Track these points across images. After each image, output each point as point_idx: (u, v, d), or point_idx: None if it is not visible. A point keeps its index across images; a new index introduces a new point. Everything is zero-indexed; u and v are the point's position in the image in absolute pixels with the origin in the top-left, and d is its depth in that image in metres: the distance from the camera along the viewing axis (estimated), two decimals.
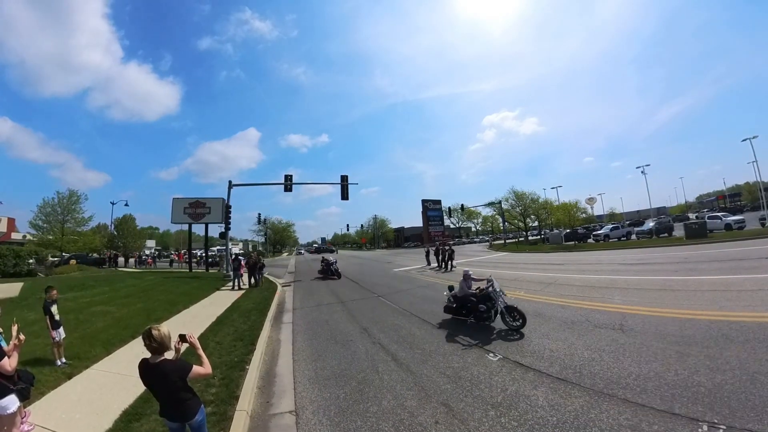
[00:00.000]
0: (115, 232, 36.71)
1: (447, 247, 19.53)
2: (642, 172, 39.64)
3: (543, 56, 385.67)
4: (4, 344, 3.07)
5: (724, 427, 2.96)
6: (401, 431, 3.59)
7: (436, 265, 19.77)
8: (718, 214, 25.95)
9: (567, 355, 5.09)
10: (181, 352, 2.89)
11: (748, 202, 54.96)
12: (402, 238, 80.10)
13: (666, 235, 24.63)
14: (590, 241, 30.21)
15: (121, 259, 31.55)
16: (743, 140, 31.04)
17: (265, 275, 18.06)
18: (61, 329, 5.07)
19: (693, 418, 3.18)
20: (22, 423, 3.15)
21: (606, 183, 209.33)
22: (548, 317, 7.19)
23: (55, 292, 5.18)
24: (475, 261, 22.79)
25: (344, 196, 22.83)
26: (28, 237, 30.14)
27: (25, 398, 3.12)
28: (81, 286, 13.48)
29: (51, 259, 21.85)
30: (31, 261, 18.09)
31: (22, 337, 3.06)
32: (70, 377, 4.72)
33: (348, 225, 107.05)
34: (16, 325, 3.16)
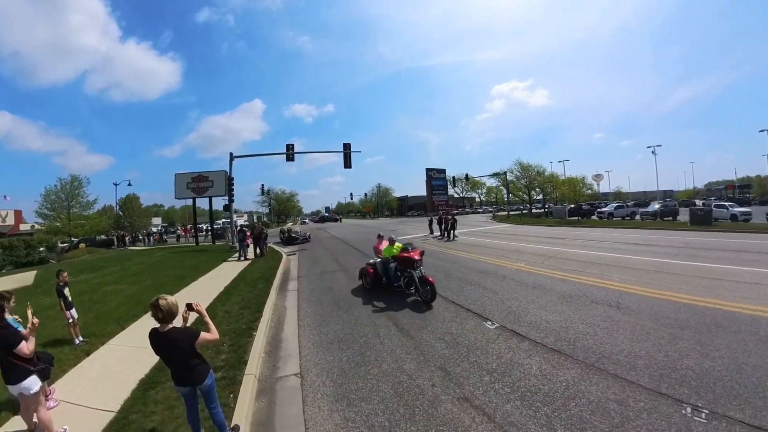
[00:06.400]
0: (121, 213, 37.00)
1: (450, 217, 19.57)
2: (652, 152, 38.66)
3: (556, 26, 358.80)
4: (22, 330, 3.24)
5: (707, 411, 3.05)
6: (400, 393, 3.78)
7: (439, 234, 19.94)
8: (725, 203, 25.18)
9: (562, 328, 5.19)
10: (189, 321, 3.02)
11: (757, 196, 53.23)
12: (405, 207, 79.90)
13: (670, 218, 24.43)
14: (594, 217, 30.10)
15: (128, 238, 31.98)
16: (761, 131, 29.65)
17: (270, 245, 18.27)
18: (73, 310, 5.27)
19: (678, 399, 3.28)
20: (47, 400, 3.40)
21: (614, 161, 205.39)
22: (547, 289, 7.27)
23: (65, 274, 5.33)
24: (478, 231, 22.86)
25: (347, 164, 22.51)
26: (36, 226, 30.62)
27: (46, 378, 3.31)
28: (92, 268, 13.88)
29: (60, 245, 22.24)
30: (41, 249, 18.41)
31: (36, 320, 3.20)
32: (88, 354, 4.96)
33: (351, 194, 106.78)
34: (30, 310, 3.30)
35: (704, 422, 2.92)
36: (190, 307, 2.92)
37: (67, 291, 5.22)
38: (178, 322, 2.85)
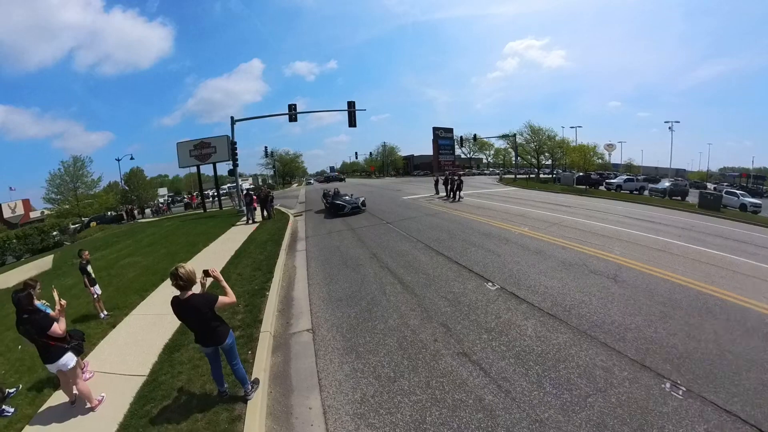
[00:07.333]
0: (126, 188, 37.01)
1: (456, 177, 19.22)
2: (670, 128, 36.14)
3: None
4: (51, 312, 3.43)
5: (684, 389, 3.19)
6: (404, 346, 4.07)
7: (445, 194, 19.79)
8: (737, 191, 24.25)
9: (560, 294, 5.31)
10: (207, 286, 3.19)
11: None
12: (411, 166, 78.36)
13: (679, 198, 23.83)
14: (602, 188, 29.39)
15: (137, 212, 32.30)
16: None
17: (277, 206, 18.25)
18: (96, 286, 5.50)
19: (659, 374, 3.42)
20: (83, 372, 3.71)
21: (629, 132, 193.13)
22: (548, 255, 7.30)
23: (87, 253, 5.52)
24: (484, 193, 22.54)
25: (352, 123, 21.84)
26: (46, 212, 30.91)
27: (80, 353, 3.58)
28: (106, 244, 14.02)
29: (72, 226, 22.40)
30: (54, 233, 18.47)
31: (63, 302, 3.42)
32: (114, 326, 5.20)
33: (356, 153, 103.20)
34: (56, 292, 3.50)
35: (680, 398, 3.08)
36: (206, 273, 3.08)
37: (89, 268, 5.41)
38: (196, 289, 3.02)
